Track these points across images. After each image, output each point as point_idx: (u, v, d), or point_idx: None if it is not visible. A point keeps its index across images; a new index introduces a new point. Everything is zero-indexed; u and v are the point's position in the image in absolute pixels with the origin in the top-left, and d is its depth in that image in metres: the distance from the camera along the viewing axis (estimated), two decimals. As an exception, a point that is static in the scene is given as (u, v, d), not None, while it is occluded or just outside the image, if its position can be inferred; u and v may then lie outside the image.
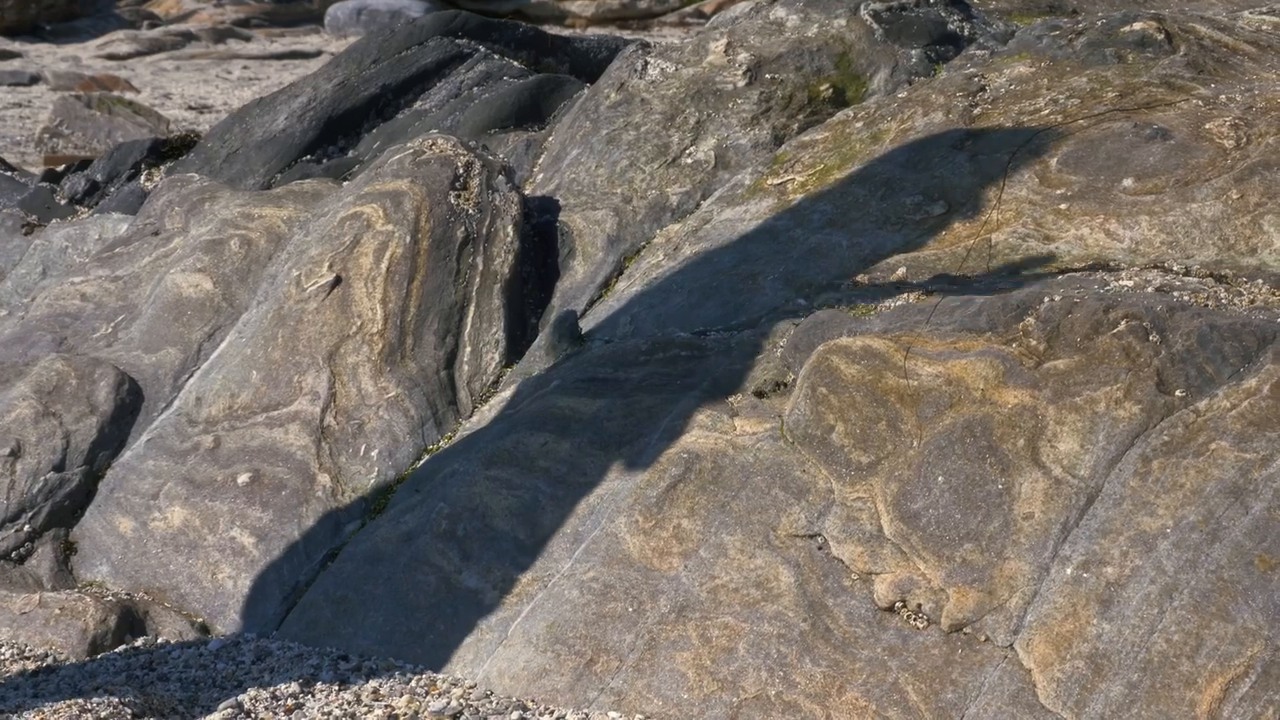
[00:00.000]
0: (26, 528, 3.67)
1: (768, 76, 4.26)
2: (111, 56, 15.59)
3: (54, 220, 5.28)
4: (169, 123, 10.24)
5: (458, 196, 3.92)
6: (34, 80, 13.71)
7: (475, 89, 5.03)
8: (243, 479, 3.54)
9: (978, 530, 2.73)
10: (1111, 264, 3.25)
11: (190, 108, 11.99)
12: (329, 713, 2.90)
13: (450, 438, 3.53)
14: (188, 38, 16.50)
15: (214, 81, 13.89)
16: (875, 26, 4.34)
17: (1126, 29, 4.03)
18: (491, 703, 2.90)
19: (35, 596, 3.41)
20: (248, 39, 16.89)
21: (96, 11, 17.58)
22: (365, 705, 2.93)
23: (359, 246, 3.82)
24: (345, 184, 4.34)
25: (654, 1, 17.73)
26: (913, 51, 4.26)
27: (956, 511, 2.76)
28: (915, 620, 2.70)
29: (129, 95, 11.91)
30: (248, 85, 13.46)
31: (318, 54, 15.52)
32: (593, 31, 15.80)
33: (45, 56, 15.46)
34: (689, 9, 17.39)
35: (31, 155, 9.72)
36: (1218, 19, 4.17)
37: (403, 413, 3.56)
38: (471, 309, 3.74)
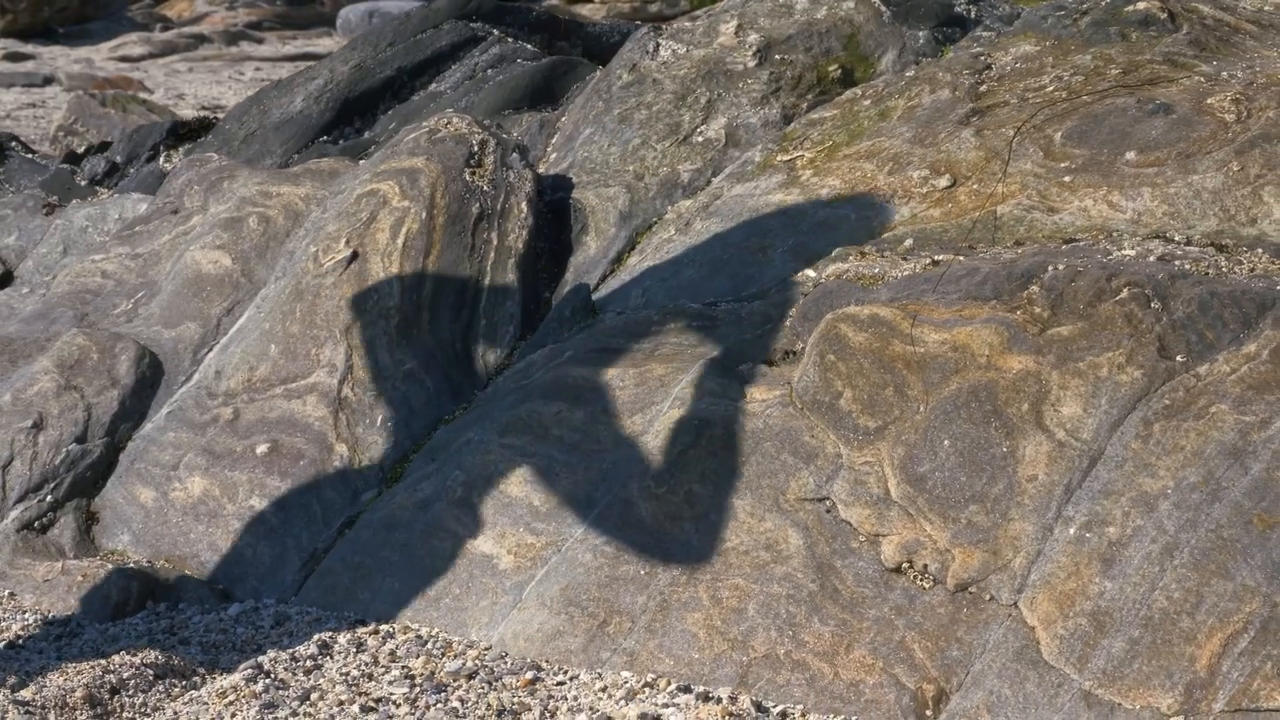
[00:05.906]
0: (49, 498, 3.72)
1: (777, 57, 4.31)
2: (124, 58, 15.64)
3: (74, 200, 5.33)
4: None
5: (472, 173, 3.97)
6: (47, 81, 13.77)
7: (489, 71, 5.08)
8: (261, 449, 3.59)
9: (983, 492, 2.77)
10: (1114, 234, 3.30)
11: (204, 108, 12.04)
12: (347, 673, 2.95)
13: (465, 408, 3.57)
14: (200, 40, 16.55)
15: (226, 83, 13.94)
16: (883, 8, 4.38)
17: (1130, 8, 4.07)
18: (506, 663, 2.94)
19: (58, 564, 3.46)
20: (260, 41, 16.94)
21: (109, 14, 17.63)
22: (383, 666, 2.98)
23: (375, 222, 3.87)
24: (362, 162, 4.39)
25: (665, 4, 17.76)
26: (920, 33, 4.31)
27: (962, 474, 2.81)
28: (921, 580, 2.75)
29: (143, 95, 11.96)
30: (260, 86, 13.50)
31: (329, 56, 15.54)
32: (604, 30, 15.80)
33: (58, 58, 15.52)
34: (700, 12, 17.42)
35: (47, 153, 9.76)
36: (1221, -1, 4.22)
37: (418, 384, 3.60)
38: (486, 283, 3.79)
